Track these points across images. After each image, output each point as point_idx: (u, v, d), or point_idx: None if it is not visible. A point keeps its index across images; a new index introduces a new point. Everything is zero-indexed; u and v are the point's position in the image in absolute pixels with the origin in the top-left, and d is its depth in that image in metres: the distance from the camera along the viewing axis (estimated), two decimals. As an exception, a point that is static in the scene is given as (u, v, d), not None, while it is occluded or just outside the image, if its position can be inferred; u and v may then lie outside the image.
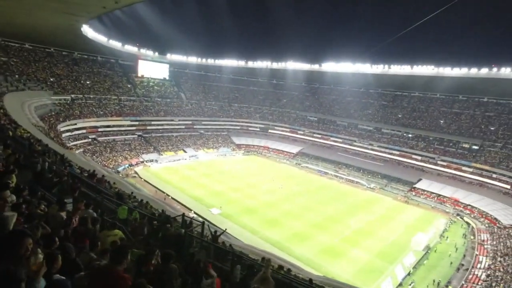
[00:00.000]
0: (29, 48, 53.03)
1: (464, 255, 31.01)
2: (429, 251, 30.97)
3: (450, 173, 50.91)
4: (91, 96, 56.27)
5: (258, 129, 77.20)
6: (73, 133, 47.36)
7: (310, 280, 12.68)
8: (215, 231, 13.44)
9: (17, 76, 44.07)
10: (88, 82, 58.35)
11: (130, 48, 65.50)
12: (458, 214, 41.88)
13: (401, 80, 59.81)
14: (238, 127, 76.26)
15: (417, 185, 49.46)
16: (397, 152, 58.33)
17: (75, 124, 48.45)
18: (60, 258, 2.91)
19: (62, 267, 3.02)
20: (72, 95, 52.53)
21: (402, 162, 57.16)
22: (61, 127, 43.58)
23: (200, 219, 25.79)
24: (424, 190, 47.98)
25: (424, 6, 63.08)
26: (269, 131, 76.35)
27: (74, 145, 43.96)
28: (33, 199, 5.54)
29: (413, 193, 48.23)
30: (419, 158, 55.34)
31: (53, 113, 44.85)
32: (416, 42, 70.64)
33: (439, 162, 52.73)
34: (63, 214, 5.51)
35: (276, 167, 59.59)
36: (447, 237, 34.70)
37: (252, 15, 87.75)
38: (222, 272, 7.42)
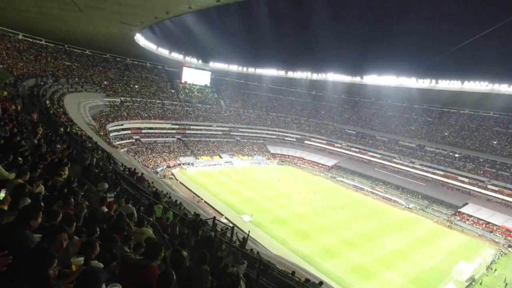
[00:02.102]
0: (88, 54, 58.30)
1: (516, 292, 27.87)
2: (473, 283, 28.27)
3: (502, 199, 46.25)
4: (138, 99, 60.10)
5: (294, 140, 76.73)
6: (120, 133, 50.75)
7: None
8: (243, 237, 13.61)
9: (76, 79, 48.52)
10: (136, 86, 62.46)
11: (176, 56, 69.09)
12: (510, 246, 37.84)
13: (450, 96, 56.01)
14: (274, 136, 76.44)
15: (462, 209, 45.61)
16: (441, 173, 54.41)
17: (122, 124, 51.92)
18: (97, 246, 3.17)
19: (101, 255, 3.31)
20: (122, 98, 56.51)
21: (447, 184, 53.14)
22: (110, 126, 46.98)
23: (231, 224, 26.15)
24: (470, 216, 44.09)
25: (477, 19, 59.25)
26: (305, 142, 75.50)
27: (120, 144, 47.04)
28: (80, 191, 6.08)
29: (458, 218, 44.54)
30: (466, 180, 51.06)
31: (104, 113, 48.60)
32: (468, 56, 66.03)
33: (489, 186, 48.23)
34: (104, 208, 6.00)
35: (310, 179, 58.59)
36: (495, 270, 31.43)
37: (294, 25, 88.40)
38: (247, 278, 7.50)
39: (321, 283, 13.28)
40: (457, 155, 55.58)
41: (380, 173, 58.87)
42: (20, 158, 6.07)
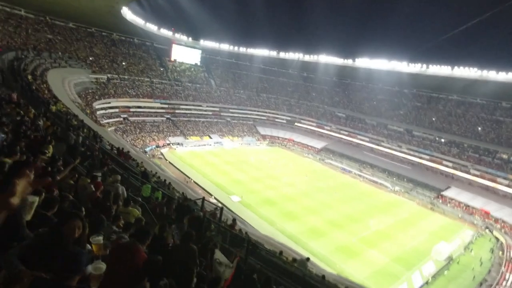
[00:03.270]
0: (72, 27, 55.61)
1: (490, 271, 29.48)
2: (451, 262, 29.73)
3: (483, 183, 47.95)
4: (126, 77, 58.35)
5: (284, 121, 76.71)
6: (107, 111, 49.55)
7: (323, 276, 12.70)
8: (234, 219, 13.71)
9: (60, 53, 46.47)
10: (124, 63, 60.46)
11: (166, 32, 66.76)
12: (487, 227, 39.64)
13: (439, 81, 56.44)
14: (265, 118, 76.18)
15: (445, 193, 47.23)
16: (427, 157, 55.74)
17: (109, 102, 50.62)
18: (87, 227, 3.09)
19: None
20: (108, 75, 54.73)
21: (431, 168, 54.60)
22: (96, 104, 45.74)
23: (220, 205, 26.35)
24: (452, 199, 45.75)
25: (470, 5, 58.96)
26: (295, 124, 75.61)
27: (107, 122, 46.04)
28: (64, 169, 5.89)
29: (440, 201, 46.16)
30: (450, 164, 52.54)
31: (90, 90, 47.12)
32: (459, 42, 66.14)
33: (471, 171, 49.81)
34: (92, 186, 5.86)
35: (299, 161, 59.22)
36: (472, 250, 33.07)
37: (287, 5, 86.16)
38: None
39: (308, 259, 13.67)
40: (443, 140, 56.82)
41: (368, 157, 59.91)
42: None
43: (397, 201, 45.65)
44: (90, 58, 53.74)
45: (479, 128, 55.11)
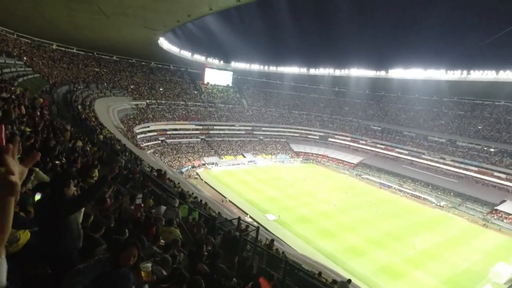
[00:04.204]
0: (116, 59, 60.79)
1: (561, 297, 25.90)
2: (513, 286, 26.61)
3: (546, 196, 43.13)
4: (163, 102, 61.85)
5: (317, 137, 75.70)
6: (146, 134, 52.49)
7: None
8: (272, 240, 13.60)
9: (105, 84, 50.76)
10: (161, 89, 64.29)
11: (198, 58, 70.29)
12: (554, 246, 35.19)
13: (483, 87, 52.80)
14: (297, 135, 75.84)
15: (499, 207, 42.98)
16: (475, 168, 51.50)
17: (148, 126, 53.67)
18: (137, 253, 3.30)
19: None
20: (147, 101, 58.41)
21: (481, 180, 50.24)
22: (137, 129, 48.74)
23: (256, 224, 26.31)
24: (509, 214, 41.46)
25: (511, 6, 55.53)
26: (329, 139, 74.26)
27: (146, 145, 48.65)
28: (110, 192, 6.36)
29: (494, 216, 42.04)
30: (504, 176, 47.99)
31: (131, 116, 50.48)
32: (502, 44, 61.91)
33: (530, 183, 45.13)
34: (132, 207, 6.26)
35: (335, 177, 57.62)
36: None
37: (315, 21, 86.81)
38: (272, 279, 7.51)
39: (349, 280, 13.06)
40: (492, 150, 52.41)
41: (408, 170, 56.73)
42: (57, 162, 6.47)
43: (444, 217, 42.33)
44: (131, 87, 57.91)
45: (535, 135, 50.23)
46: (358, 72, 68.38)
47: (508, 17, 56.12)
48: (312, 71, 75.10)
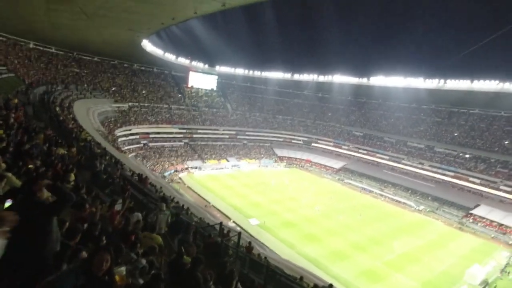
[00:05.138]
0: (97, 60, 59.24)
1: (531, 296, 27.14)
2: (487, 287, 27.62)
3: (516, 200, 45.24)
4: (146, 105, 60.77)
5: (301, 142, 76.51)
6: (128, 138, 51.33)
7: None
8: (250, 242, 13.57)
9: (85, 85, 49.35)
10: (144, 92, 63.19)
11: (183, 61, 69.72)
12: (525, 248, 36.90)
13: (459, 96, 55.15)
14: (281, 139, 76.34)
15: (474, 211, 44.72)
16: (452, 173, 53.49)
17: (130, 130, 52.53)
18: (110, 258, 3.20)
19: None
20: (130, 103, 57.22)
21: (457, 185, 52.18)
22: (118, 132, 47.59)
23: (238, 229, 26.15)
24: (482, 217, 43.18)
25: (485, 18, 58.40)
26: (312, 144, 75.18)
27: (128, 149, 47.54)
28: (88, 198, 6.17)
29: (470, 220, 43.68)
30: (478, 181, 50.06)
31: (112, 119, 49.27)
32: (477, 55, 64.91)
33: (501, 187, 47.16)
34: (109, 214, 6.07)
35: (318, 182, 58.26)
36: (510, 273, 30.67)
37: (300, 27, 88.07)
38: (253, 284, 7.47)
39: (331, 285, 13.16)
40: (467, 156, 54.61)
41: (389, 175, 58.18)
42: (30, 166, 6.20)
43: (423, 221, 43.59)
44: (113, 89, 56.60)
45: (506, 142, 52.72)
46: (341, 79, 69.80)
47: (481, 31, 59.00)
48: (296, 76, 76.06)
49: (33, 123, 14.63)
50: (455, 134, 59.57)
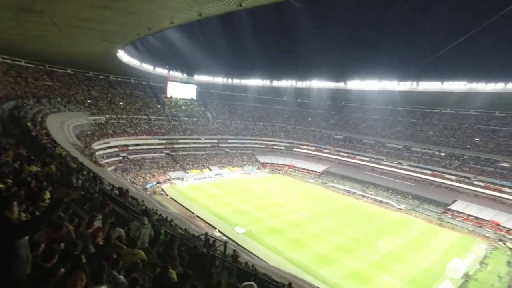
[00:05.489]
0: (70, 73, 57.40)
1: (510, 285, 28.26)
2: (468, 280, 28.54)
3: (489, 194, 47.40)
4: (124, 116, 59.34)
5: (283, 148, 77.06)
6: (106, 151, 49.81)
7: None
8: (234, 250, 13.39)
9: (59, 98, 47.60)
10: (121, 103, 61.75)
11: (160, 71, 68.93)
12: (500, 240, 38.58)
13: (431, 97, 57.67)
14: (263, 146, 76.58)
15: (452, 207, 46.46)
16: (429, 172, 55.49)
17: (108, 142, 51.01)
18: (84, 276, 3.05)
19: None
20: (107, 116, 55.68)
21: (435, 182, 54.15)
22: (95, 145, 46.06)
23: (224, 238, 25.77)
24: (460, 212, 44.93)
25: (457, 20, 61.73)
26: (294, 149, 75.91)
27: (107, 162, 46.08)
28: (65, 215, 5.87)
29: (448, 215, 45.29)
30: (453, 178, 52.20)
31: (89, 132, 47.69)
32: (446, 57, 68.35)
33: (476, 183, 49.40)
34: (91, 231, 5.78)
35: (301, 186, 58.69)
36: (488, 265, 31.92)
37: (277, 34, 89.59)
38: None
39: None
40: (442, 154, 56.86)
41: (370, 176, 59.55)
42: (1, 185, 5.86)
43: (405, 220, 44.74)
44: (88, 101, 54.95)
45: (477, 139, 55.41)
46: (319, 84, 71.26)
47: (449, 35, 62.37)
48: (275, 83, 76.94)
49: (2, 140, 13.91)
50: (430, 134, 61.99)
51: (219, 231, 33.21)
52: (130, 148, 55.82)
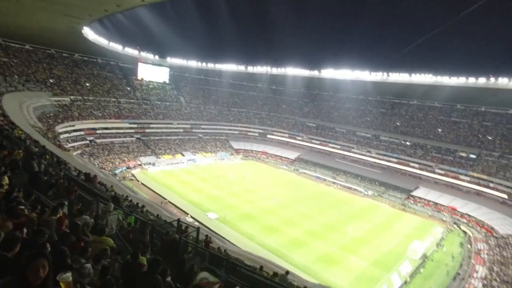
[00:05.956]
0: (29, 49, 53.07)
1: (461, 264, 30.92)
2: (425, 260, 30.83)
3: (448, 181, 50.93)
4: (90, 98, 56.26)
5: (256, 134, 77.27)
6: (71, 134, 47.26)
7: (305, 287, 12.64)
8: (207, 235, 13.39)
9: (16, 76, 44.04)
10: (87, 84, 58.37)
11: (131, 51, 65.67)
12: (455, 223, 41.81)
13: (400, 88, 60.07)
14: (237, 132, 76.31)
15: (414, 193, 49.45)
16: (395, 160, 58.39)
17: (73, 125, 48.35)
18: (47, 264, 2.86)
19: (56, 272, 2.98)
20: (71, 97, 52.50)
21: (400, 170, 57.17)
22: (59, 128, 43.48)
23: (197, 223, 25.70)
24: (421, 198, 47.97)
25: (425, 17, 64.03)
26: (268, 136, 76.41)
27: (72, 146, 43.81)
28: (26, 202, 5.49)
29: (411, 201, 48.20)
30: (417, 166, 55.38)
31: (51, 114, 44.80)
32: (415, 50, 71.23)
33: (436, 171, 52.78)
34: (56, 218, 5.45)
35: (274, 173, 59.51)
36: (444, 246, 34.61)
37: (253, 20, 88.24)
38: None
39: (287, 272, 13.57)
40: (408, 143, 59.90)
41: (341, 164, 61.56)
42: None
43: (372, 205, 47.01)
44: (51, 81, 51.37)
45: (439, 130, 58.83)
46: (294, 71, 71.57)
47: (418, 30, 64.75)
48: (250, 69, 76.19)
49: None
50: (398, 124, 64.87)
51: (192, 217, 33.07)
52: (98, 131, 53.30)
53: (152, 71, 71.26)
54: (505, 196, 44.00)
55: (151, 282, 3.85)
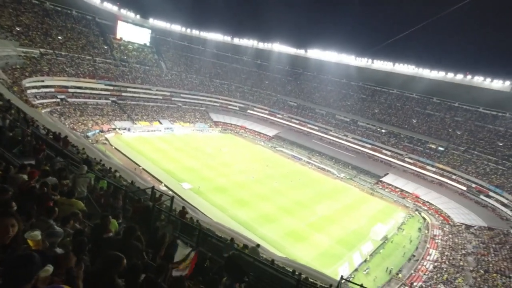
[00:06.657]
0: (-6, -9, 47.98)
1: (417, 247, 33.36)
2: (386, 241, 32.97)
3: (415, 170, 53.67)
4: (63, 53, 52.53)
5: (237, 108, 76.48)
6: (40, 90, 44.40)
7: (272, 260, 13.13)
8: (183, 207, 13.39)
9: (-22, 20, 40.03)
10: (60, 38, 54.24)
11: (110, 7, 61.38)
12: (416, 209, 44.59)
13: (382, 76, 61.04)
14: (217, 104, 75.10)
15: (383, 179, 51.81)
16: (369, 146, 60.36)
17: (43, 81, 45.30)
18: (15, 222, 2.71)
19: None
20: (41, 49, 48.71)
21: (373, 156, 59.33)
22: (27, 82, 40.65)
23: (170, 193, 25.60)
24: (389, 184, 50.41)
25: (414, 10, 64.18)
26: (248, 111, 75.90)
27: (41, 103, 41.31)
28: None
29: (380, 186, 50.55)
30: (389, 153, 57.67)
31: (17, 66, 41.58)
32: (400, 40, 71.88)
33: (406, 159, 55.31)
34: (24, 176, 5.15)
35: (251, 148, 59.83)
36: (404, 230, 37.04)
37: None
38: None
39: (258, 245, 14.00)
40: (383, 131, 61.84)
41: (317, 145, 62.80)
42: None
43: (343, 187, 48.86)
44: (17, 29, 47.18)
45: (414, 121, 60.99)
46: (280, 48, 70.45)
47: (405, 22, 65.04)
48: (236, 40, 74.06)
49: None
50: (376, 111, 66.43)
51: (165, 186, 32.90)
52: (70, 90, 50.40)
53: (133, 31, 67.30)
54: (464, 188, 47.18)
55: (127, 247, 3.77)
